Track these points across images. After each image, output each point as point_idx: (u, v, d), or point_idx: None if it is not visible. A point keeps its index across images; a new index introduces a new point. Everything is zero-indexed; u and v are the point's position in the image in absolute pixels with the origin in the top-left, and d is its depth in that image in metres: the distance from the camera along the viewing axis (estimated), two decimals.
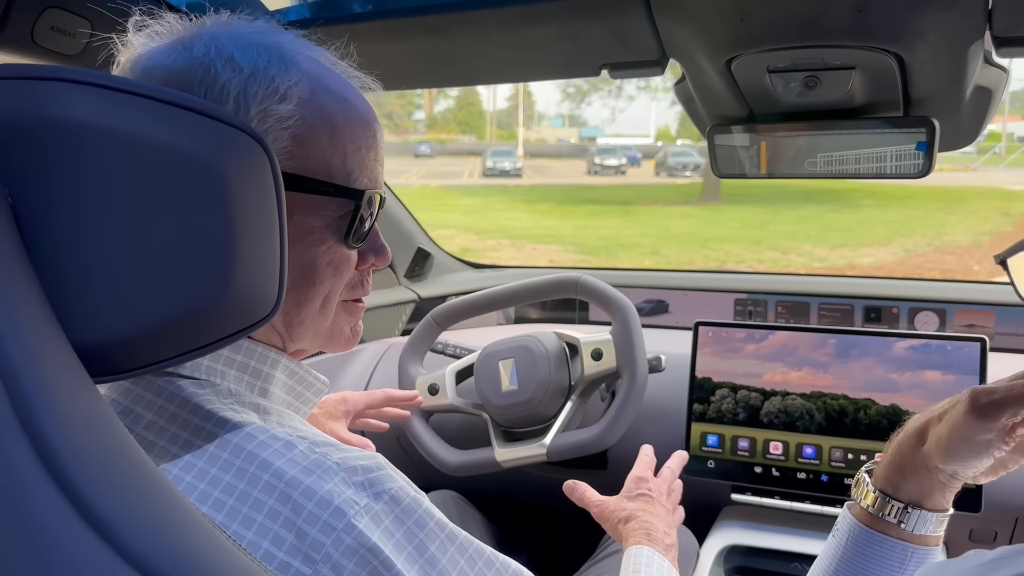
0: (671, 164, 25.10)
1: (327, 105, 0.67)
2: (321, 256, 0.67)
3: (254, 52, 0.64)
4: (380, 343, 1.93)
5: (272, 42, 0.66)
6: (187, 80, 0.62)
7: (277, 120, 0.63)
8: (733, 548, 1.37)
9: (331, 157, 0.67)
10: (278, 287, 0.55)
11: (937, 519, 0.66)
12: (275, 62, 0.65)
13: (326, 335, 0.72)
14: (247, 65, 0.63)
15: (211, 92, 0.62)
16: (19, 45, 0.91)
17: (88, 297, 0.47)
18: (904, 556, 0.66)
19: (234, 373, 0.65)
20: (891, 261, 10.34)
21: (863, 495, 0.69)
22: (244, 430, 0.59)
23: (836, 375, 1.39)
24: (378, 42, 1.10)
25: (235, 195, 0.50)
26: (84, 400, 0.44)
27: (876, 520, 0.67)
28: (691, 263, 10.51)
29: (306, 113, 0.65)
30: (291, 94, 0.64)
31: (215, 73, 0.62)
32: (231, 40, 0.65)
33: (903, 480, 0.67)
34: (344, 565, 0.55)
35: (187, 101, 0.50)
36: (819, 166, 1.14)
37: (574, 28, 1.00)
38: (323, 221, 0.67)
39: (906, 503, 0.66)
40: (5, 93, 0.48)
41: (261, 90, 0.63)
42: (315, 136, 0.66)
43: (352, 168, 0.68)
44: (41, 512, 0.39)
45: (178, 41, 0.65)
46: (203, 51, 0.63)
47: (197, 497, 0.56)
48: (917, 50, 0.93)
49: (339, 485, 0.57)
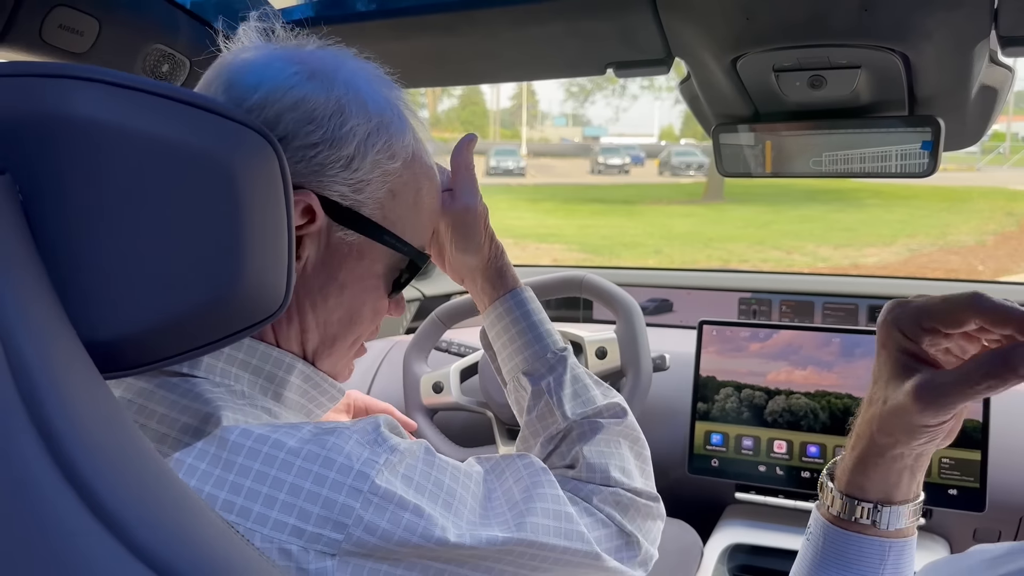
0: (675, 163, 25.07)
1: (420, 171, 0.72)
2: (369, 302, 0.72)
3: (381, 103, 0.69)
4: (384, 341, 1.94)
5: (392, 97, 0.71)
6: (320, 112, 0.65)
7: (383, 173, 0.68)
8: (737, 547, 1.37)
9: (410, 217, 0.71)
10: (286, 284, 0.55)
11: (910, 511, 0.64)
12: (395, 120, 0.70)
13: (338, 370, 0.76)
14: (375, 115, 0.67)
15: (339, 130, 0.65)
16: (27, 43, 0.91)
17: (97, 293, 0.47)
18: (883, 551, 0.64)
19: (248, 376, 0.66)
20: (895, 261, 10.33)
21: (830, 502, 0.66)
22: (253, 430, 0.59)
23: (840, 374, 1.39)
24: (383, 41, 1.10)
25: (244, 192, 0.50)
26: (94, 396, 0.44)
27: (848, 523, 0.65)
28: (694, 262, 10.51)
29: (405, 174, 0.70)
30: (400, 154, 0.69)
31: (347, 114, 0.66)
32: (365, 84, 0.68)
33: (867, 479, 0.64)
34: (377, 524, 0.56)
35: (196, 99, 0.50)
36: (824, 165, 1.14)
37: (580, 27, 1.00)
38: (383, 270, 0.71)
39: (875, 502, 0.63)
40: (15, 90, 0.48)
41: (380, 143, 0.67)
42: (405, 195, 0.70)
43: (422, 230, 0.74)
44: (52, 508, 0.39)
45: (319, 69, 0.67)
46: (342, 89, 0.66)
47: (214, 483, 0.56)
48: (923, 49, 0.93)
49: (355, 447, 0.58)
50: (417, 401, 1.54)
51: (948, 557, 0.52)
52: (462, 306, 1.60)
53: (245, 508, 0.55)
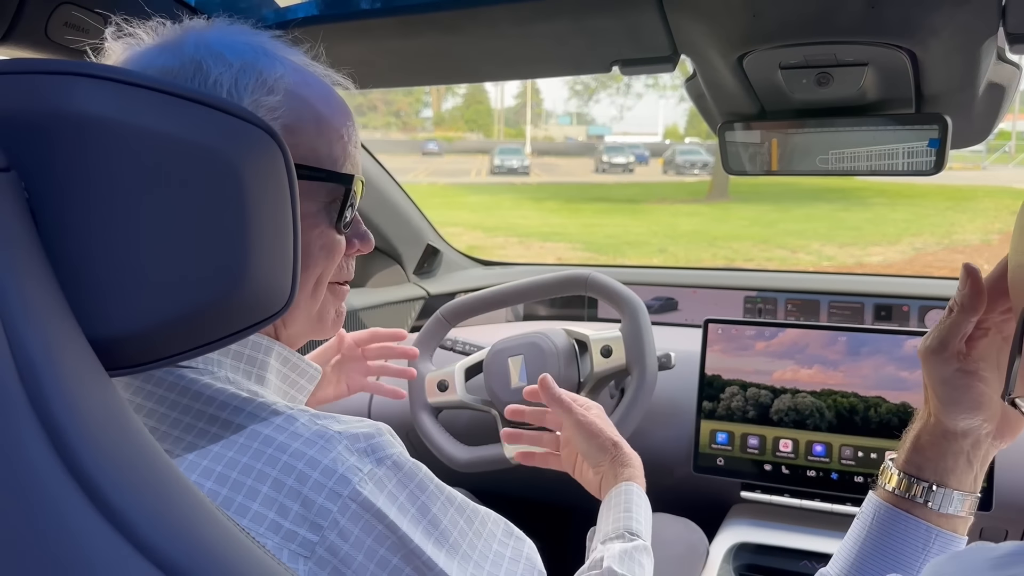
0: (679, 162, 25.06)
1: (311, 96, 0.70)
2: (314, 240, 0.70)
3: (240, 48, 0.68)
4: None
5: (255, 41, 0.70)
6: (180, 77, 0.65)
7: (268, 110, 0.67)
8: (743, 546, 1.36)
9: (318, 145, 0.70)
10: (292, 281, 0.55)
11: (962, 498, 0.67)
12: (261, 57, 0.68)
13: (316, 318, 0.75)
14: (235, 60, 0.67)
15: (204, 86, 0.65)
16: (33, 41, 0.91)
17: (103, 291, 0.47)
18: (928, 538, 0.66)
19: (230, 362, 0.67)
20: (900, 260, 10.30)
21: (887, 479, 0.69)
22: (245, 410, 0.61)
23: (847, 373, 1.38)
24: (387, 39, 1.10)
25: (250, 190, 0.50)
26: (99, 393, 0.44)
27: (902, 500, 0.68)
28: (699, 261, 10.49)
29: (293, 103, 0.68)
30: (278, 86, 0.68)
31: (206, 69, 0.65)
32: (217, 39, 0.68)
33: (924, 459, 0.68)
34: (350, 530, 0.57)
35: (202, 96, 0.50)
36: (830, 163, 1.13)
37: (586, 24, 0.99)
38: (315, 206, 0.70)
39: (931, 482, 0.67)
40: (21, 87, 0.48)
41: (251, 82, 0.66)
42: (303, 125, 0.69)
43: (337, 155, 0.72)
44: (57, 504, 0.39)
45: (166, 42, 0.68)
46: (193, 50, 0.66)
47: (201, 473, 0.57)
48: (930, 46, 0.93)
49: (343, 453, 0.59)
50: (422, 399, 1.54)
51: (952, 554, 0.52)
52: (467, 304, 1.60)
53: (228, 499, 0.56)
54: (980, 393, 0.66)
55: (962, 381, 0.66)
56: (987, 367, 0.66)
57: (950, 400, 0.66)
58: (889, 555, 0.67)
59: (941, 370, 0.66)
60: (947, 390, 0.66)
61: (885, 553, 0.67)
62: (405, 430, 1.62)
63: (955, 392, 0.66)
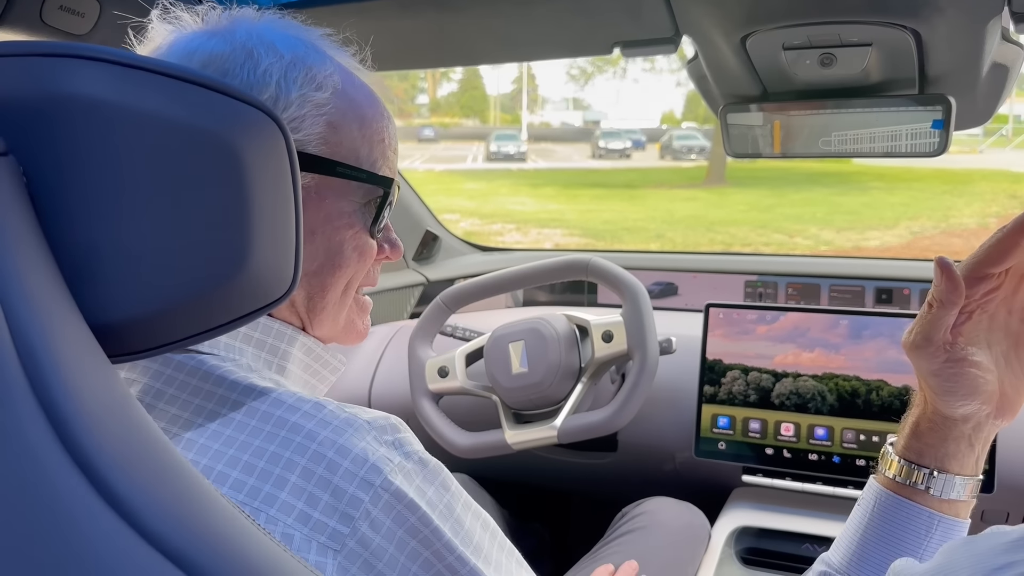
0: (676, 147, 25.01)
1: (357, 97, 0.70)
2: (348, 241, 0.70)
3: (292, 42, 0.68)
4: (389, 326, 1.93)
5: (306, 36, 0.70)
6: (230, 63, 0.64)
7: (315, 106, 0.66)
8: (744, 529, 1.37)
9: (360, 145, 0.70)
10: (294, 266, 0.54)
11: (964, 483, 0.66)
12: (311, 53, 0.68)
13: (344, 324, 0.74)
14: (287, 52, 0.66)
15: (254, 74, 0.64)
16: (28, 24, 0.90)
17: (103, 276, 0.47)
18: (930, 524, 0.66)
19: (252, 350, 0.66)
20: (898, 244, 10.31)
21: (888, 466, 0.69)
22: (271, 395, 0.60)
23: (848, 356, 1.38)
24: (385, 19, 1.09)
25: (251, 173, 0.50)
26: (102, 380, 0.44)
27: (903, 487, 0.67)
28: (697, 246, 10.49)
29: (340, 102, 0.68)
30: (327, 83, 0.68)
31: (257, 57, 0.65)
32: (269, 30, 0.68)
33: (924, 445, 0.67)
34: (382, 521, 0.56)
35: (202, 78, 0.49)
36: (833, 145, 1.13)
37: (586, 4, 0.98)
38: (352, 207, 0.70)
39: (932, 468, 0.66)
40: (18, 70, 0.47)
41: (300, 76, 0.66)
42: (347, 124, 0.69)
43: (376, 158, 0.71)
44: (61, 492, 0.39)
45: (216, 28, 0.67)
46: (244, 37, 0.66)
47: (227, 462, 0.56)
48: (935, 26, 0.92)
49: (372, 443, 0.58)
50: (423, 386, 1.54)
51: (964, 539, 0.52)
52: (467, 290, 1.60)
53: (255, 488, 0.55)
54: (974, 378, 0.65)
55: (953, 370, 0.65)
56: (977, 350, 0.66)
57: (944, 390, 0.65)
58: (891, 542, 0.67)
59: (929, 363, 0.66)
60: (939, 381, 0.65)
61: (887, 540, 0.67)
62: (406, 416, 1.61)
63: (948, 383, 0.65)
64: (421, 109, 42.74)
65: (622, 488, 1.53)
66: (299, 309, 0.70)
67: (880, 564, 0.66)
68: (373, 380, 1.79)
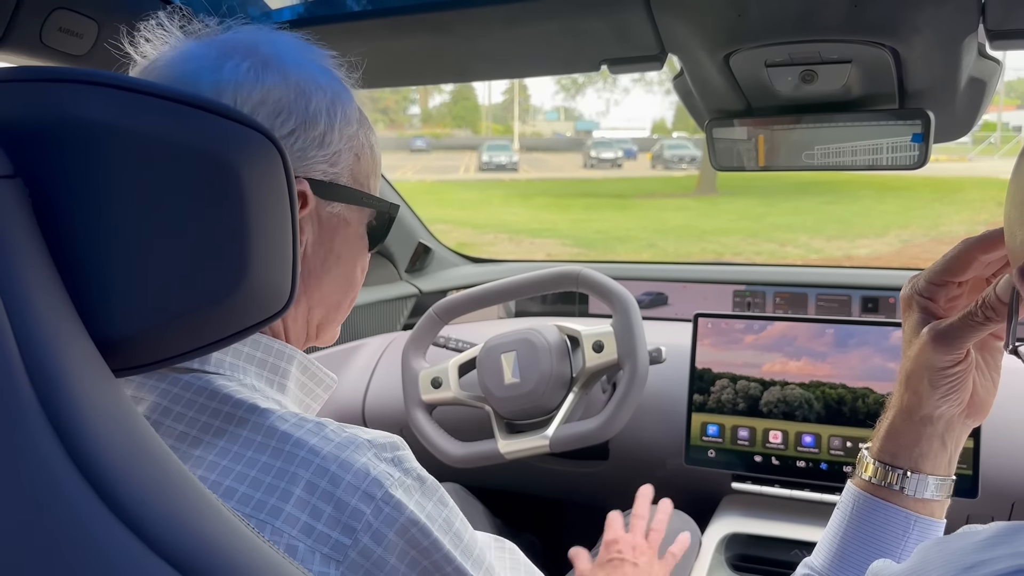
0: (667, 157, 25.09)
1: (367, 127, 0.74)
2: (359, 263, 0.75)
3: (328, 76, 0.70)
4: (382, 338, 1.94)
5: (328, 64, 0.72)
6: (286, 101, 0.66)
7: (347, 139, 0.70)
8: (734, 536, 1.38)
9: (371, 172, 0.74)
10: (291, 281, 0.56)
11: (937, 483, 0.67)
12: (340, 86, 0.71)
13: (333, 334, 0.79)
14: (328, 88, 0.69)
15: (306, 113, 0.67)
16: (27, 46, 0.92)
17: (107, 293, 0.48)
18: (907, 524, 0.67)
19: (255, 369, 0.67)
20: (888, 252, 10.35)
21: (864, 469, 0.70)
22: (275, 414, 0.61)
23: (834, 364, 1.40)
24: (376, 40, 1.11)
25: (250, 193, 0.51)
26: (107, 394, 0.45)
27: (879, 488, 0.69)
28: (688, 256, 10.52)
29: (360, 133, 0.72)
30: (352, 116, 0.71)
31: (308, 95, 0.67)
32: (307, 58, 0.70)
33: (898, 446, 0.68)
34: (384, 533, 0.57)
35: (203, 102, 0.51)
36: (816, 158, 1.15)
37: (574, 24, 1.01)
38: (362, 230, 0.74)
39: (906, 469, 0.68)
40: (24, 95, 0.49)
41: (339, 111, 0.69)
42: (364, 154, 0.73)
43: (374, 183, 0.76)
44: (70, 503, 0.40)
45: (269, 59, 0.67)
46: (297, 72, 0.67)
47: (235, 477, 0.57)
48: (912, 44, 0.94)
49: (372, 459, 0.59)
50: (416, 396, 1.55)
51: (939, 539, 0.53)
52: (459, 302, 1.61)
53: (261, 501, 0.56)
54: (970, 379, 0.67)
55: (963, 373, 0.66)
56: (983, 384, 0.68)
57: (947, 389, 0.66)
58: (870, 543, 0.68)
59: (945, 360, 0.65)
60: (945, 379, 0.66)
61: (866, 541, 0.68)
62: (399, 427, 1.63)
63: (953, 382, 0.66)
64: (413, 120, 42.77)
65: (614, 496, 1.54)
66: (311, 325, 0.73)
67: (860, 565, 0.68)
68: (367, 391, 1.80)
